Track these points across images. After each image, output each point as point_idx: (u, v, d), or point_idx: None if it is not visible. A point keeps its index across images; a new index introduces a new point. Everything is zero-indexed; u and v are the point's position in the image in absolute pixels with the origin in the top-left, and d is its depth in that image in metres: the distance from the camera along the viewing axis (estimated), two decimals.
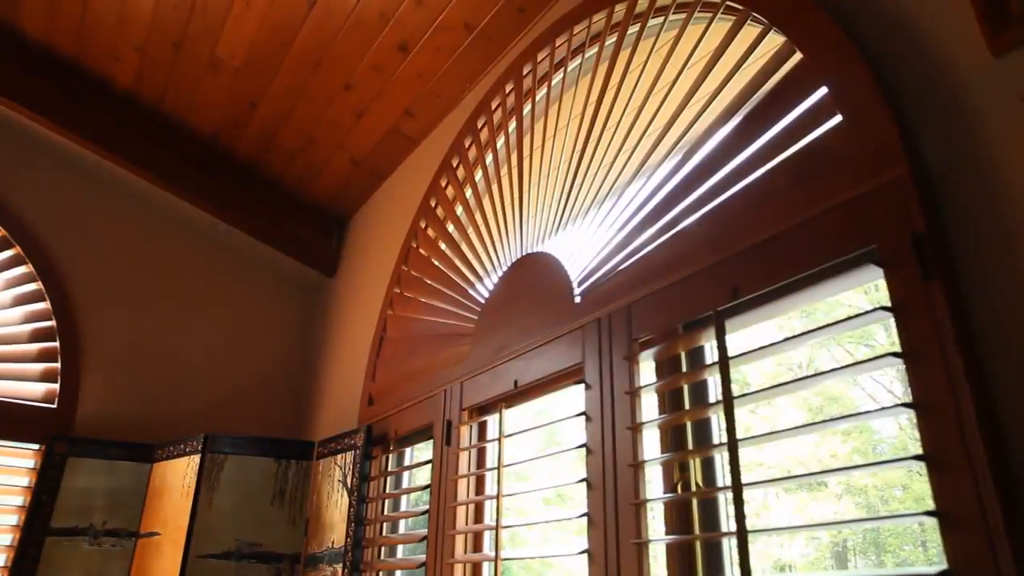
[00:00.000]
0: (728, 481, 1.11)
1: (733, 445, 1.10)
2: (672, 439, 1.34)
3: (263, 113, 2.78)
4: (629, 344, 1.42)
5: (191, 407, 2.99)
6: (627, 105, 1.67)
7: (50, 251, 2.84)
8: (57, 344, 2.75)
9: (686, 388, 1.36)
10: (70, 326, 2.79)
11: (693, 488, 1.27)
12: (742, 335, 1.29)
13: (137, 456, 2.67)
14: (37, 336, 2.74)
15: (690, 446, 1.32)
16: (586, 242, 1.66)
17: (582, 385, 1.51)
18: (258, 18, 2.37)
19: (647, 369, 1.43)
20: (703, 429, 1.32)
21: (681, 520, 1.27)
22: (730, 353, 1.17)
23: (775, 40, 1.32)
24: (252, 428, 3.08)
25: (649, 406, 1.38)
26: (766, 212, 1.20)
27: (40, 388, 2.70)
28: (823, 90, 1.17)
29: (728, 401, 1.13)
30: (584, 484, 1.42)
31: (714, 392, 1.33)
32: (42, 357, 2.73)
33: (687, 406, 1.35)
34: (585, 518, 1.40)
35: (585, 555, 1.37)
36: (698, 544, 1.24)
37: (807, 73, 1.21)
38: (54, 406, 2.69)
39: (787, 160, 1.20)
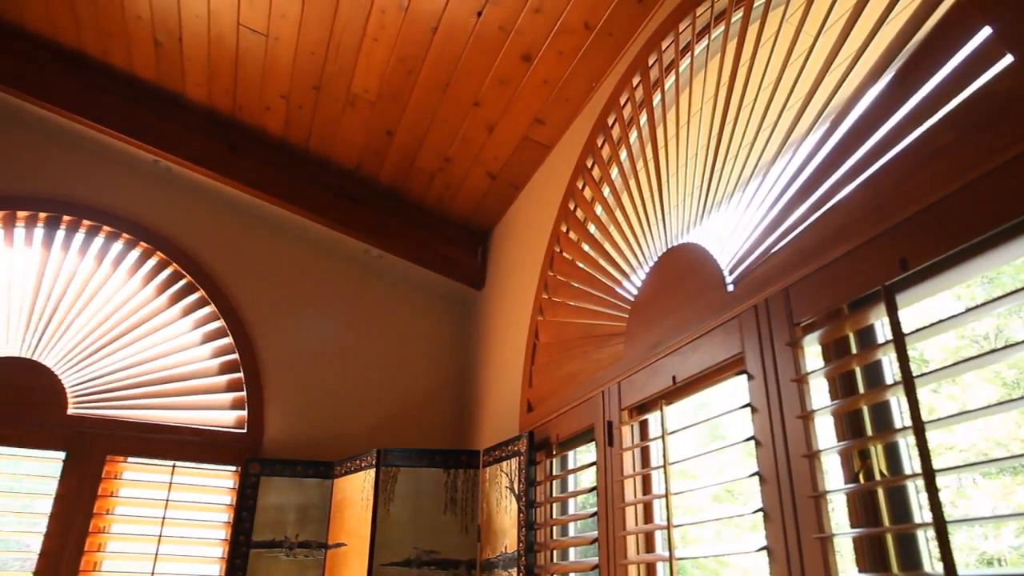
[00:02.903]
0: (917, 468, 1.03)
1: (919, 428, 1.02)
2: (848, 426, 1.25)
3: (400, 140, 2.91)
4: (791, 329, 1.35)
5: (362, 424, 3.17)
6: (762, 80, 1.59)
7: (227, 290, 3.12)
8: (241, 375, 3.02)
9: (858, 371, 1.28)
10: (250, 357, 3.05)
11: (877, 477, 1.19)
12: (915, 309, 1.19)
13: (320, 473, 2.87)
14: (224, 369, 3.02)
15: (869, 432, 1.23)
16: (734, 227, 1.60)
17: (744, 376, 1.46)
18: (386, 51, 2.49)
19: (812, 354, 1.35)
20: (882, 413, 1.22)
21: (866, 511, 1.18)
22: (905, 329, 1.08)
23: None
24: (419, 441, 3.23)
25: (819, 393, 1.31)
26: (931, 173, 1.10)
27: (231, 415, 2.97)
28: (986, 31, 1.06)
29: (908, 381, 1.05)
30: (756, 478, 1.37)
31: (890, 372, 1.23)
32: (230, 387, 3.01)
33: (861, 390, 1.27)
34: (760, 513, 1.34)
35: (764, 552, 1.32)
36: (889, 537, 1.15)
37: (964, 15, 1.10)
38: (244, 431, 2.95)
39: (951, 113, 1.09)
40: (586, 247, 2.34)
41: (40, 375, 2.75)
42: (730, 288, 1.57)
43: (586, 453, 2.26)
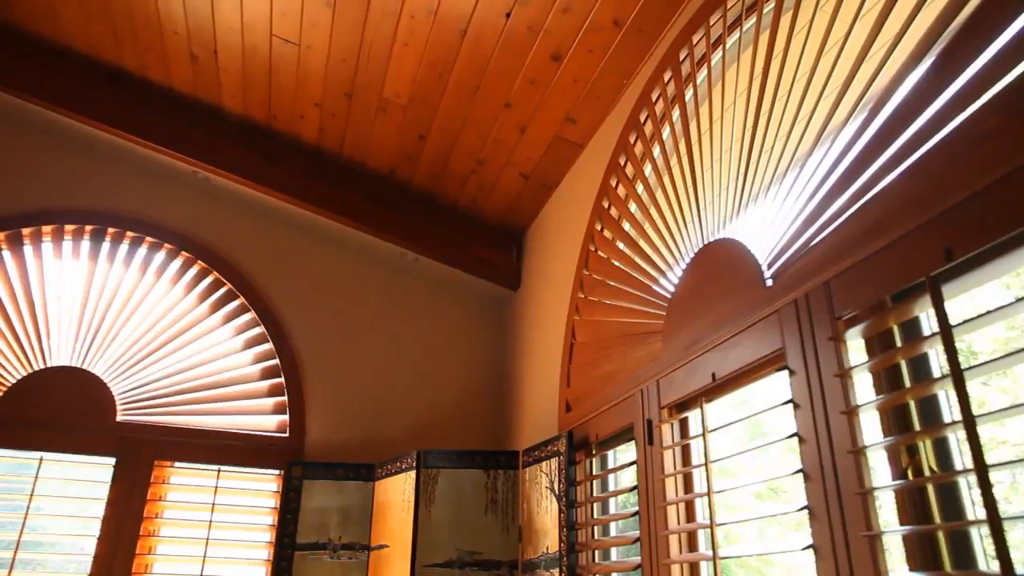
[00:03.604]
0: (968, 463, 1.00)
1: (970, 422, 0.99)
2: (894, 421, 1.23)
3: (432, 143, 2.93)
4: (832, 323, 1.33)
5: (402, 426, 3.20)
6: (797, 70, 1.57)
7: (266, 296, 3.17)
8: (282, 380, 3.06)
9: (904, 364, 1.25)
10: (290, 362, 3.10)
11: (926, 473, 1.16)
12: (962, 300, 1.16)
13: (361, 476, 2.90)
14: (265, 374, 3.07)
15: (916, 427, 1.20)
16: (771, 220, 1.58)
17: (785, 372, 1.43)
18: (416, 56, 2.51)
19: (855, 348, 1.32)
20: (930, 407, 1.19)
21: (916, 509, 1.15)
22: (952, 321, 1.05)
23: None
24: (459, 442, 3.24)
25: (863, 387, 1.28)
26: (976, 160, 1.07)
27: (274, 420, 3.02)
28: None
29: (957, 374, 1.02)
30: (800, 475, 1.35)
31: (937, 366, 1.20)
32: (272, 392, 3.06)
33: (907, 384, 1.23)
34: (805, 511, 1.32)
35: (810, 550, 1.29)
36: (941, 535, 1.12)
37: None
38: (286, 435, 2.99)
39: (996, 97, 1.06)
40: (621, 245, 2.32)
41: (90, 383, 2.82)
42: (769, 283, 1.54)
43: (626, 452, 2.24)
